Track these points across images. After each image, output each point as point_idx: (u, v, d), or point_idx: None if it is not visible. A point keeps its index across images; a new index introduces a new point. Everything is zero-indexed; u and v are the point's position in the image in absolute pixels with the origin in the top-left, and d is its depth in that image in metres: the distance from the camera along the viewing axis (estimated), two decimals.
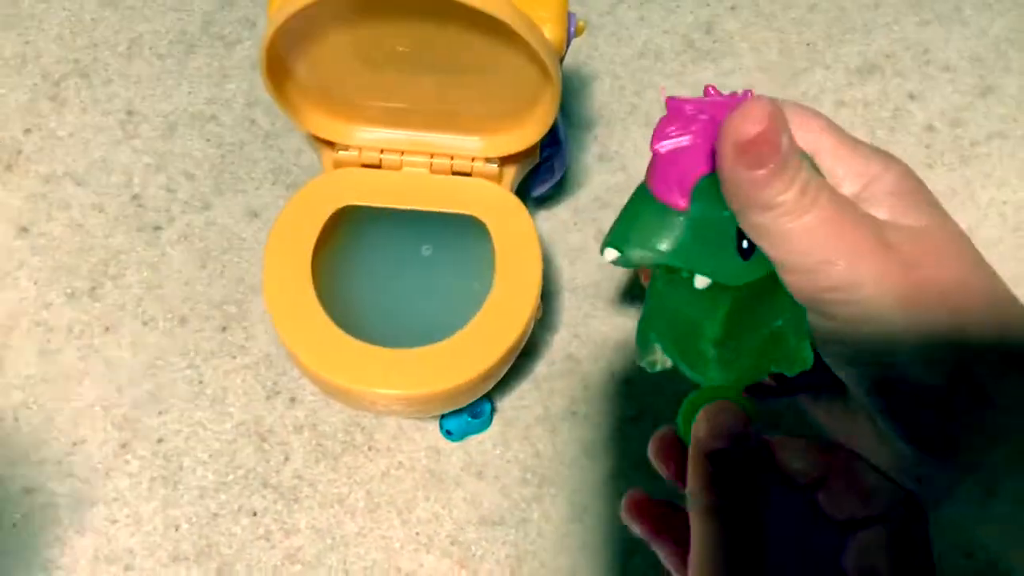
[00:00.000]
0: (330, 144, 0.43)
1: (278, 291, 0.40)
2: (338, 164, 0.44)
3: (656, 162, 0.23)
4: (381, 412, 0.46)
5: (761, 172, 0.21)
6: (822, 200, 0.21)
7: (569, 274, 0.51)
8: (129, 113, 0.54)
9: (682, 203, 0.23)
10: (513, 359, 0.42)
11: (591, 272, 0.51)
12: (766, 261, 0.23)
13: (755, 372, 0.26)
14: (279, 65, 0.39)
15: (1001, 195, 0.55)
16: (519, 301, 0.41)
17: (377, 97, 0.42)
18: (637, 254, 0.24)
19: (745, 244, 0.24)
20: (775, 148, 0.20)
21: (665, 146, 0.23)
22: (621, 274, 0.51)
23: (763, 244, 0.22)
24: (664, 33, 0.60)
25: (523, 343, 0.41)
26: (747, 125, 0.20)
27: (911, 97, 0.58)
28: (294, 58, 0.40)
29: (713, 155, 0.22)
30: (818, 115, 0.25)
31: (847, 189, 0.24)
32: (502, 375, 0.42)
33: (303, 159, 0.54)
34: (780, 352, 0.25)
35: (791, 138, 0.21)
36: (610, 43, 0.58)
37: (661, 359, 0.27)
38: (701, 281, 0.24)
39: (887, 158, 0.24)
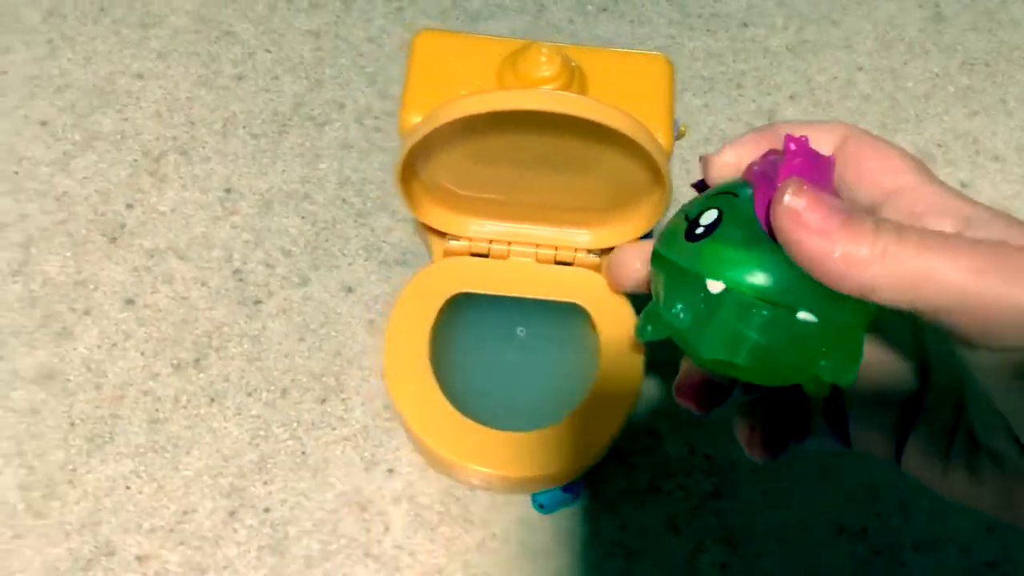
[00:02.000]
0: (442, 234, 0.46)
1: (398, 372, 0.43)
2: (448, 253, 0.46)
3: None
4: (481, 487, 0.48)
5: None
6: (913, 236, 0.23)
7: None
8: (227, 190, 0.57)
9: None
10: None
11: (670, 348, 0.54)
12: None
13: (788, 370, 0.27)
14: (407, 169, 0.42)
15: None
16: (623, 387, 0.43)
17: (489, 193, 0.45)
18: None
19: (699, 230, 0.26)
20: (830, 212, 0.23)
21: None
22: None
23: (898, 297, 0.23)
24: (728, 120, 0.63)
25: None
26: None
27: (963, 185, 0.61)
28: (418, 162, 0.43)
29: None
30: (904, 155, 0.27)
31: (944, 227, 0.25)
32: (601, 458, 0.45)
33: (392, 237, 0.57)
34: (831, 356, 0.26)
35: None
36: None
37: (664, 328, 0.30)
38: (715, 287, 0.26)
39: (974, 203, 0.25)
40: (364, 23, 0.65)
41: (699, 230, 0.27)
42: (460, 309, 0.47)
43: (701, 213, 0.27)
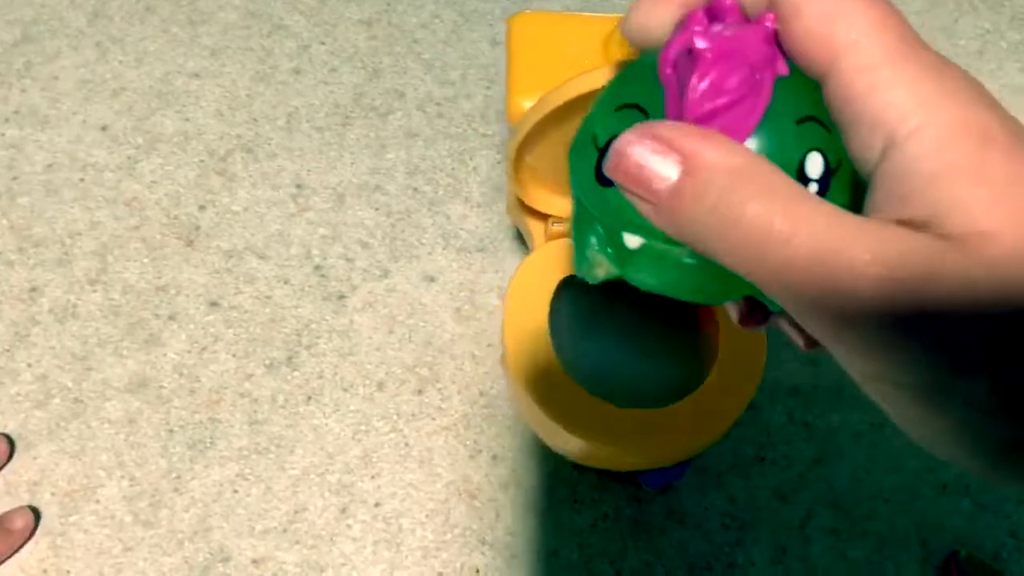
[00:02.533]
0: (544, 217, 0.46)
1: (521, 357, 0.42)
2: (552, 236, 0.46)
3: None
4: (595, 465, 0.48)
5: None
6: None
7: None
8: (298, 186, 0.57)
9: None
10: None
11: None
12: None
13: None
14: (519, 155, 0.42)
15: None
16: (745, 368, 0.43)
17: None
18: None
19: (812, 188, 0.21)
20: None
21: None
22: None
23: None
24: None
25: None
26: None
27: None
28: (526, 146, 0.42)
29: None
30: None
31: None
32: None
33: (468, 223, 0.56)
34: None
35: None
36: None
37: (605, 266, 0.25)
38: (633, 241, 0.23)
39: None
40: (415, 9, 0.64)
41: None
42: (571, 291, 0.46)
43: (609, 141, 0.22)
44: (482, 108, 0.60)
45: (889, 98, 0.19)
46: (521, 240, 0.56)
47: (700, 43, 0.20)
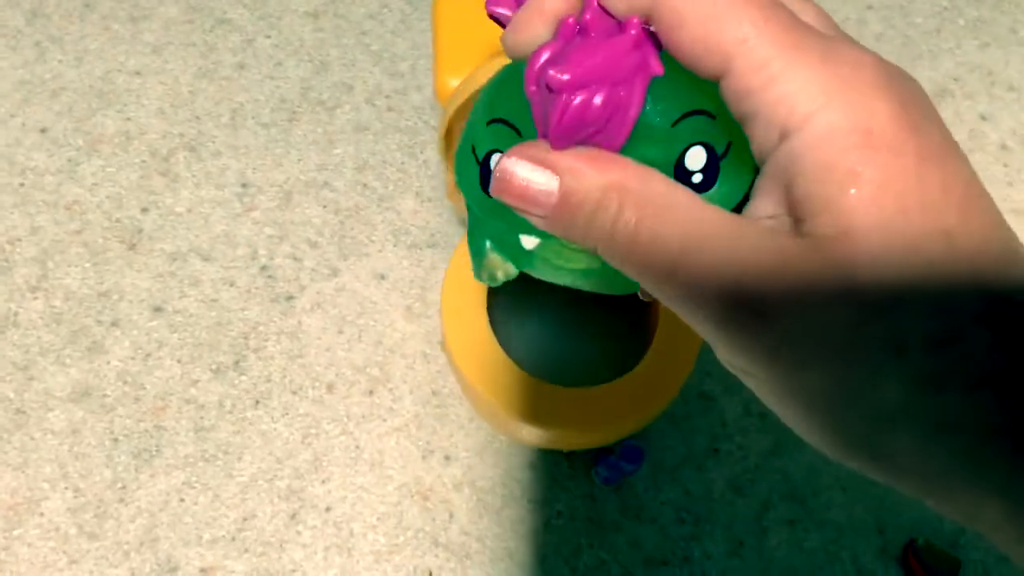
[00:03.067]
0: None
1: (459, 340, 0.42)
2: None
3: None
4: (544, 445, 0.47)
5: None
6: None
7: None
8: (244, 185, 0.55)
9: None
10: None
11: None
12: None
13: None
14: (450, 136, 0.41)
15: None
16: (684, 344, 0.43)
17: None
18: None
19: (697, 179, 0.22)
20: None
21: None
22: None
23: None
24: None
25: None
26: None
27: (983, 118, 0.61)
28: (457, 127, 0.41)
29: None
30: None
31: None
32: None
33: (419, 219, 0.55)
34: None
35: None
36: None
37: (502, 266, 0.25)
38: (529, 242, 0.24)
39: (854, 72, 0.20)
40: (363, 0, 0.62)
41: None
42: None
43: (489, 156, 0.23)
44: (432, 100, 0.59)
45: (780, 92, 0.19)
46: None
47: (556, 76, 0.19)
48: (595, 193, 0.21)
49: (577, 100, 0.19)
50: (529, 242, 0.23)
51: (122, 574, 0.45)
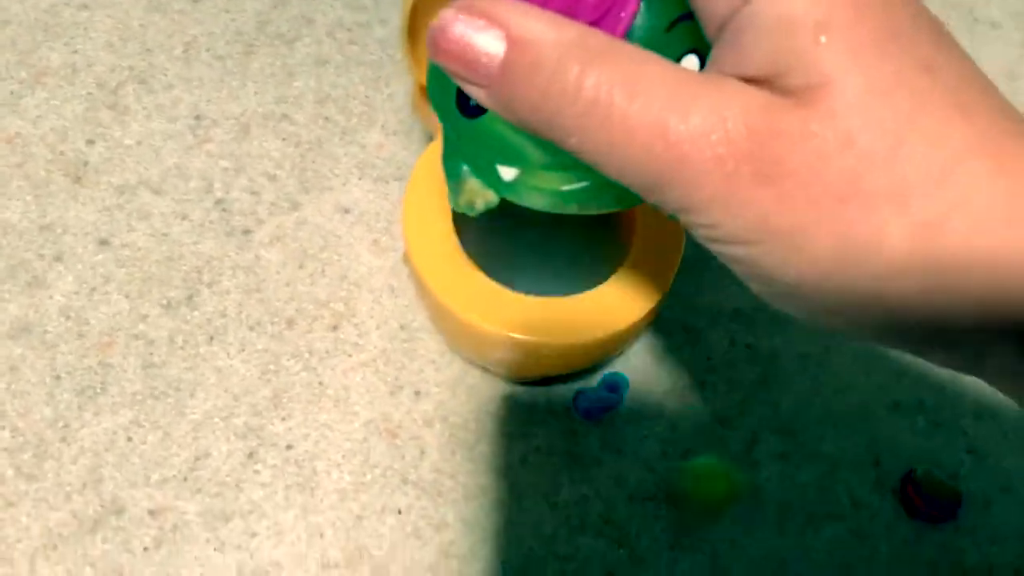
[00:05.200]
0: None
1: (423, 252, 0.39)
2: None
3: None
4: (518, 372, 0.44)
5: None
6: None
7: None
8: (197, 118, 0.52)
9: None
10: (652, 318, 0.41)
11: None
12: None
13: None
14: (412, 32, 0.38)
15: None
16: (665, 257, 0.40)
17: None
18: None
19: (472, 100, 0.20)
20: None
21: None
22: None
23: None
24: None
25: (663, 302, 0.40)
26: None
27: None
28: (420, 23, 0.39)
29: None
30: None
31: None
32: (639, 334, 0.42)
33: (384, 152, 0.52)
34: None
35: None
36: None
37: (481, 193, 0.23)
38: (508, 173, 0.22)
39: None
40: None
41: (472, 100, 0.21)
42: None
43: None
44: (398, 33, 0.56)
45: None
46: None
47: None
48: (551, 51, 0.18)
49: None
50: (508, 173, 0.21)
51: (63, 517, 0.42)
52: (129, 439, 0.44)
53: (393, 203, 0.51)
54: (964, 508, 0.45)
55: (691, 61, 0.20)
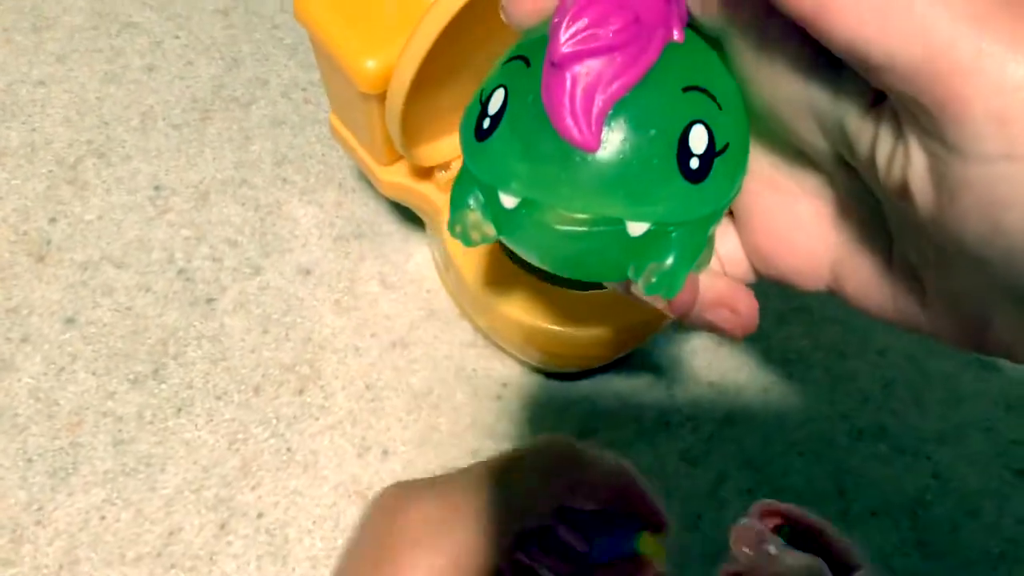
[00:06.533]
0: (429, 173, 0.43)
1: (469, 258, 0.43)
2: (445, 184, 0.43)
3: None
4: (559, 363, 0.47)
5: None
6: None
7: None
8: (156, 188, 0.53)
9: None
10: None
11: None
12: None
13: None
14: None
15: None
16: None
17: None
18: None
19: (486, 122, 0.20)
20: None
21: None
22: None
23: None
24: None
25: None
26: None
27: None
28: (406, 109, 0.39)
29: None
30: None
31: None
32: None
33: (343, 211, 0.53)
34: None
35: None
36: None
37: (480, 226, 0.22)
38: (509, 202, 0.21)
39: None
40: None
41: (486, 122, 0.20)
42: None
43: (491, 94, 0.21)
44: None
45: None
46: (403, 220, 0.52)
47: None
48: None
49: (594, 13, 0.19)
50: (509, 201, 0.20)
51: None
52: (103, 518, 0.44)
53: (354, 261, 0.51)
54: (931, 534, 0.45)
55: (701, 133, 0.19)
